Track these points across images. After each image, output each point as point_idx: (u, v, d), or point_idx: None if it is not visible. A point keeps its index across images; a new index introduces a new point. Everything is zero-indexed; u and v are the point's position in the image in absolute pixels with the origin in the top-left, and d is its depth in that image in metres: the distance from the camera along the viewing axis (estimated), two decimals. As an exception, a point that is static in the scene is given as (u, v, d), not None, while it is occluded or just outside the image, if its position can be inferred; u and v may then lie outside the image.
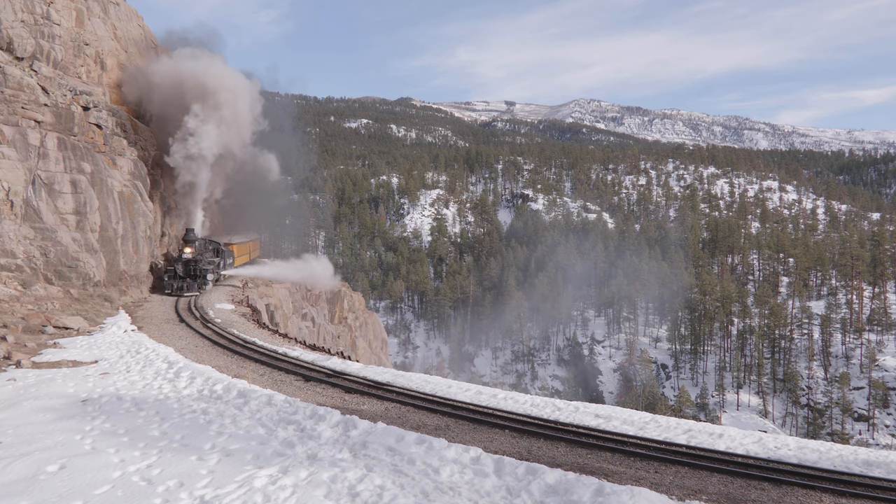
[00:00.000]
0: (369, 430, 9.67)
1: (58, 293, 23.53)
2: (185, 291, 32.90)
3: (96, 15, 33.97)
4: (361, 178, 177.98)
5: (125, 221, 29.85)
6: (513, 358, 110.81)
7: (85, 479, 7.19)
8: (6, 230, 23.17)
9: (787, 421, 76.80)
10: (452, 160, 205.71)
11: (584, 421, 12.48)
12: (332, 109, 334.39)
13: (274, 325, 35.58)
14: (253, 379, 15.28)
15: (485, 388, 15.75)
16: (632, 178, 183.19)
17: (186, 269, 33.98)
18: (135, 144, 33.68)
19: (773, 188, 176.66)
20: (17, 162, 23.92)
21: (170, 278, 33.49)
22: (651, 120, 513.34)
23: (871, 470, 9.88)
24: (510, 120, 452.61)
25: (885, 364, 79.32)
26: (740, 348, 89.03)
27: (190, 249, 34.65)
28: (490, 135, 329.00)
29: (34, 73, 26.55)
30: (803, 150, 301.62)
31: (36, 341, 17.32)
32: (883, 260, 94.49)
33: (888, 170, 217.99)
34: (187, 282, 33.26)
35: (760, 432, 12.54)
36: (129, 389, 12.34)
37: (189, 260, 34.19)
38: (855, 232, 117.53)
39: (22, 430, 9.13)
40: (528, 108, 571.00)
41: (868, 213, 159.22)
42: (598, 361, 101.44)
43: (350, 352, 54.71)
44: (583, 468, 9.30)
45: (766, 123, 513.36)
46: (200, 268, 34.40)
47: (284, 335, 28.12)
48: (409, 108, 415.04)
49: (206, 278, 34.74)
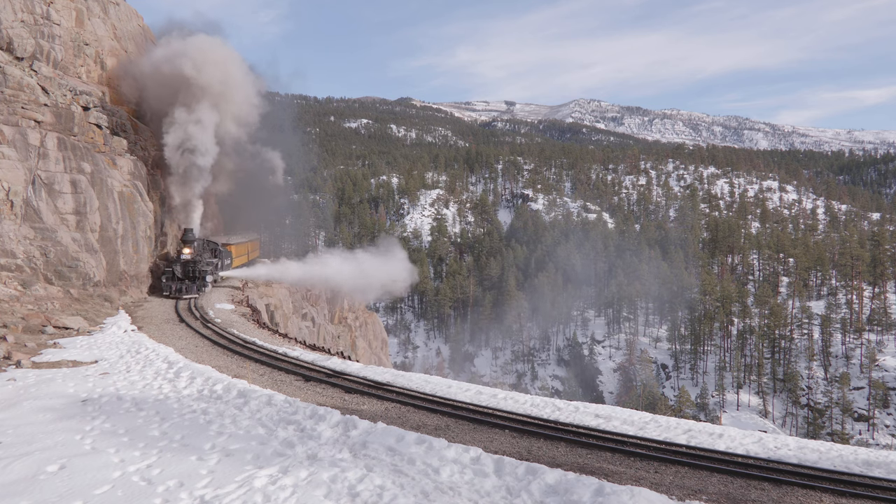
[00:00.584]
0: (369, 430, 9.67)
1: (58, 293, 23.53)
2: (183, 294, 32.04)
3: (96, 15, 33.98)
4: (361, 178, 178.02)
5: (125, 221, 29.85)
6: (513, 358, 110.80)
7: (85, 479, 7.19)
8: (6, 230, 23.18)
9: (787, 421, 76.80)
10: (452, 160, 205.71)
11: (584, 421, 12.48)
12: (332, 109, 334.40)
13: (274, 325, 35.56)
14: (253, 379, 15.28)
15: (485, 388, 15.75)
16: (632, 178, 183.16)
17: (185, 271, 33.02)
18: (135, 144, 33.70)
19: (773, 188, 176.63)
20: (17, 162, 23.92)
21: (168, 280, 32.60)
22: (651, 120, 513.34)
23: (871, 470, 9.88)
24: (510, 120, 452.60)
25: (885, 364, 79.33)
26: (740, 348, 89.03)
27: (189, 250, 33.57)
28: (490, 135, 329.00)
29: (34, 73, 26.55)
30: (803, 150, 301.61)
31: (36, 341, 17.32)
32: (883, 260, 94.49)
33: (888, 170, 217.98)
34: (186, 283, 32.37)
35: (760, 432, 12.54)
36: (129, 389, 12.34)
37: (188, 261, 33.16)
38: (855, 232, 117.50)
39: (22, 430, 9.13)
40: (528, 108, 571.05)
41: (868, 213, 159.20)
42: (598, 361, 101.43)
43: (350, 352, 54.71)
44: (583, 468, 9.30)
45: (766, 123, 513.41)
46: (199, 269, 33.37)
47: (284, 335, 28.13)
48: (409, 108, 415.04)
49: (205, 280, 33.70)
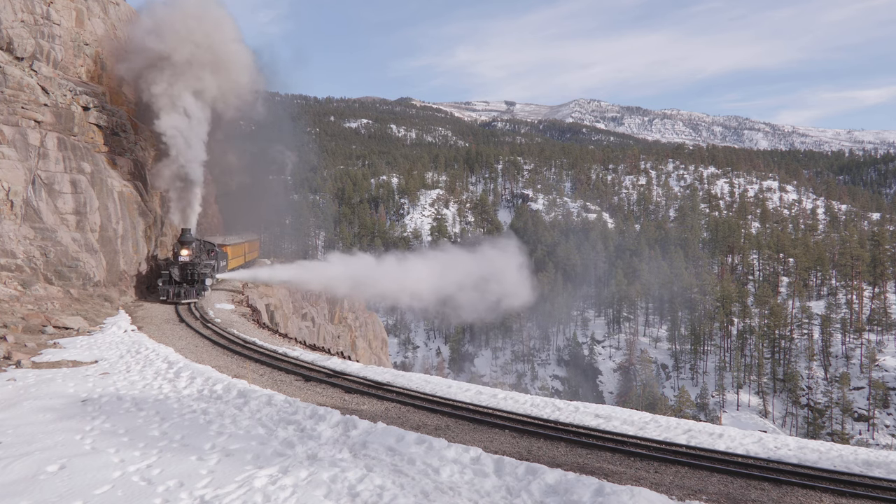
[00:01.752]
0: (369, 430, 9.68)
1: (58, 293, 23.54)
2: (182, 298, 29.95)
3: (96, 15, 33.97)
4: (361, 178, 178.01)
5: (125, 221, 29.85)
6: (513, 358, 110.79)
7: (85, 479, 7.19)
8: (6, 230, 23.18)
9: (787, 421, 76.81)
10: (452, 160, 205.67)
11: (584, 421, 12.48)
12: (332, 109, 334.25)
13: (274, 325, 35.51)
14: (253, 379, 15.28)
15: (485, 388, 15.75)
16: (632, 178, 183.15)
17: (183, 274, 30.80)
18: (135, 144, 33.65)
19: (773, 188, 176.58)
20: (17, 162, 23.92)
21: (165, 284, 30.25)
22: (651, 120, 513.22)
23: (871, 470, 9.89)
24: (510, 120, 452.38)
25: (885, 364, 79.34)
26: (740, 348, 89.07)
27: (187, 251, 31.10)
28: (490, 135, 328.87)
29: (34, 73, 26.55)
30: (803, 150, 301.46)
31: (36, 341, 17.32)
32: (883, 260, 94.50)
33: (888, 170, 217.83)
34: (185, 287, 30.22)
35: (760, 432, 12.54)
36: (129, 389, 12.34)
37: (186, 263, 30.82)
38: (855, 232, 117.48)
39: (22, 430, 9.13)
40: (528, 108, 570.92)
41: (868, 213, 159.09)
42: (598, 361, 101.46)
43: (350, 352, 54.66)
44: (583, 468, 9.30)
45: (766, 123, 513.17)
46: (198, 272, 31.13)
47: (284, 335, 28.12)
48: (409, 108, 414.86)
49: (204, 283, 31.46)
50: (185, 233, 32.29)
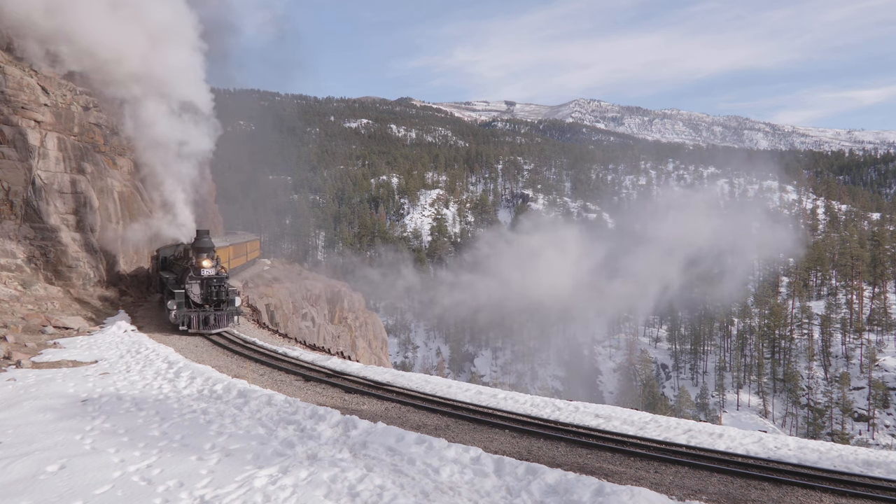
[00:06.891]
0: (369, 430, 9.68)
1: (58, 293, 23.54)
2: (211, 327, 22.04)
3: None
4: (361, 178, 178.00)
5: (125, 221, 29.85)
6: (513, 358, 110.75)
7: (85, 479, 7.19)
8: (6, 230, 23.18)
9: (787, 421, 76.78)
10: (452, 160, 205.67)
11: (584, 421, 12.48)
12: (332, 109, 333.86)
13: (274, 324, 35.53)
14: (253, 379, 15.28)
15: (485, 388, 15.75)
16: (632, 178, 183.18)
17: (207, 293, 22.34)
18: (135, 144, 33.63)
19: (773, 188, 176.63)
20: (17, 162, 23.92)
21: (179, 308, 21.85)
22: (651, 120, 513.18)
23: (871, 470, 9.88)
24: (510, 120, 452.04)
25: (885, 364, 79.30)
26: (740, 348, 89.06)
27: (209, 263, 22.86)
28: (490, 135, 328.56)
29: (34, 73, 26.55)
30: (803, 150, 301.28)
31: (36, 341, 17.33)
32: (883, 260, 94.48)
33: (888, 170, 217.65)
34: (212, 312, 22.13)
35: (760, 432, 12.54)
36: (129, 389, 12.35)
37: (211, 278, 22.53)
38: (855, 232, 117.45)
39: (22, 430, 9.13)
40: (527, 108, 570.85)
41: (868, 213, 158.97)
42: (598, 361, 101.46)
43: (350, 352, 54.67)
44: (583, 468, 9.30)
45: (766, 123, 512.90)
46: (226, 289, 22.89)
47: (284, 335, 28.13)
48: (408, 108, 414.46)
49: (234, 304, 23.02)
50: (202, 236, 23.53)
